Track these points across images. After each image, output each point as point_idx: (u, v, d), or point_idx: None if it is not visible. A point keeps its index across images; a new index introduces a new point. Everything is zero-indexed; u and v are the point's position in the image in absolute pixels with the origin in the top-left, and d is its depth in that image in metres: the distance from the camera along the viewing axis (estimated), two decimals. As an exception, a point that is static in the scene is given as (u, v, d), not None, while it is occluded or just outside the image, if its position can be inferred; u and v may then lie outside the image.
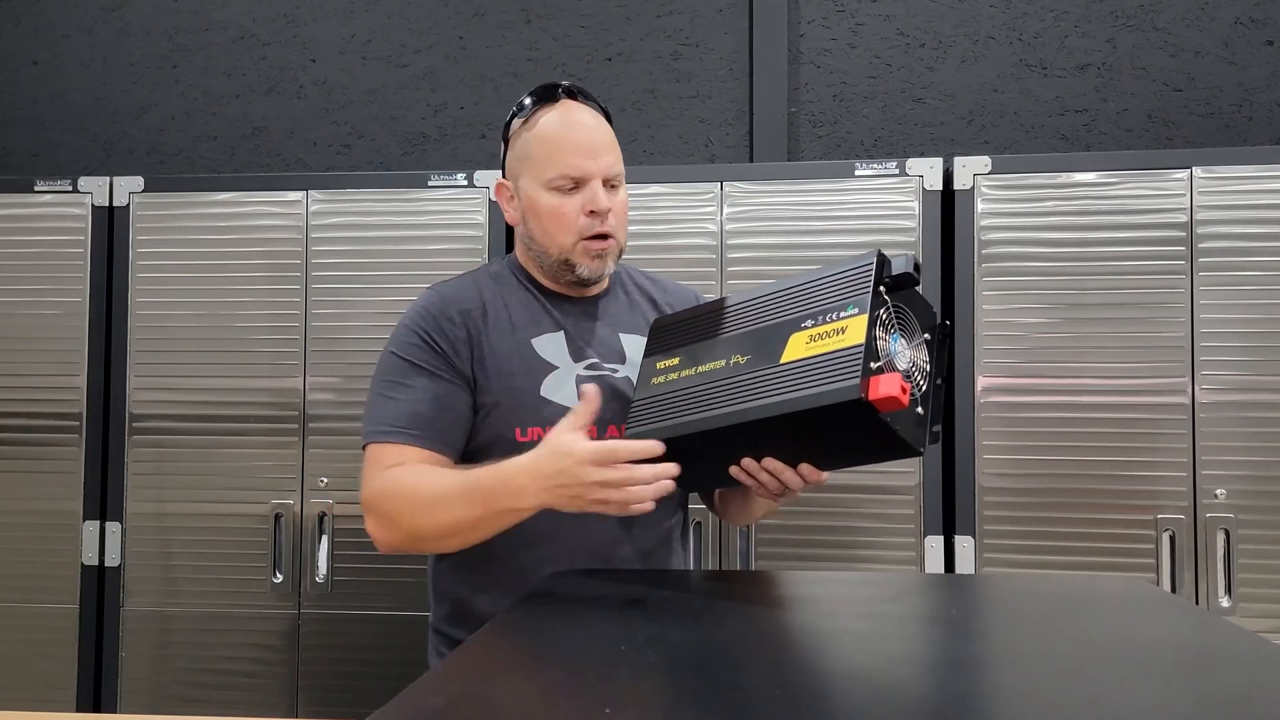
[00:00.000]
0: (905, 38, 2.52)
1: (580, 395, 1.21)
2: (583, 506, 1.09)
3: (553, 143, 1.28)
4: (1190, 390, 1.89)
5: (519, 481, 1.11)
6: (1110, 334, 1.92)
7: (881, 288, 1.02)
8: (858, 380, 0.95)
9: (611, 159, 1.29)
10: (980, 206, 1.97)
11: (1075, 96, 2.46)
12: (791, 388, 1.02)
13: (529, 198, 1.30)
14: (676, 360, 1.20)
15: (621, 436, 1.21)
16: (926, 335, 1.09)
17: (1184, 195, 1.92)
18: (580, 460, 1.06)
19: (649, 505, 1.08)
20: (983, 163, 1.97)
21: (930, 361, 1.08)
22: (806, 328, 1.05)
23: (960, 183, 1.97)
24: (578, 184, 1.27)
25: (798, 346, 1.05)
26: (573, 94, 1.32)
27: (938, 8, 2.51)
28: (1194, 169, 1.92)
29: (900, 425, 1.00)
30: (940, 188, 1.99)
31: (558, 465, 1.08)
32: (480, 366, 1.28)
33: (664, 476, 1.07)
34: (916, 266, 1.04)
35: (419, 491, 1.18)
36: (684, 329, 1.22)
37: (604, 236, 1.28)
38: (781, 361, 1.05)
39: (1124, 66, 2.45)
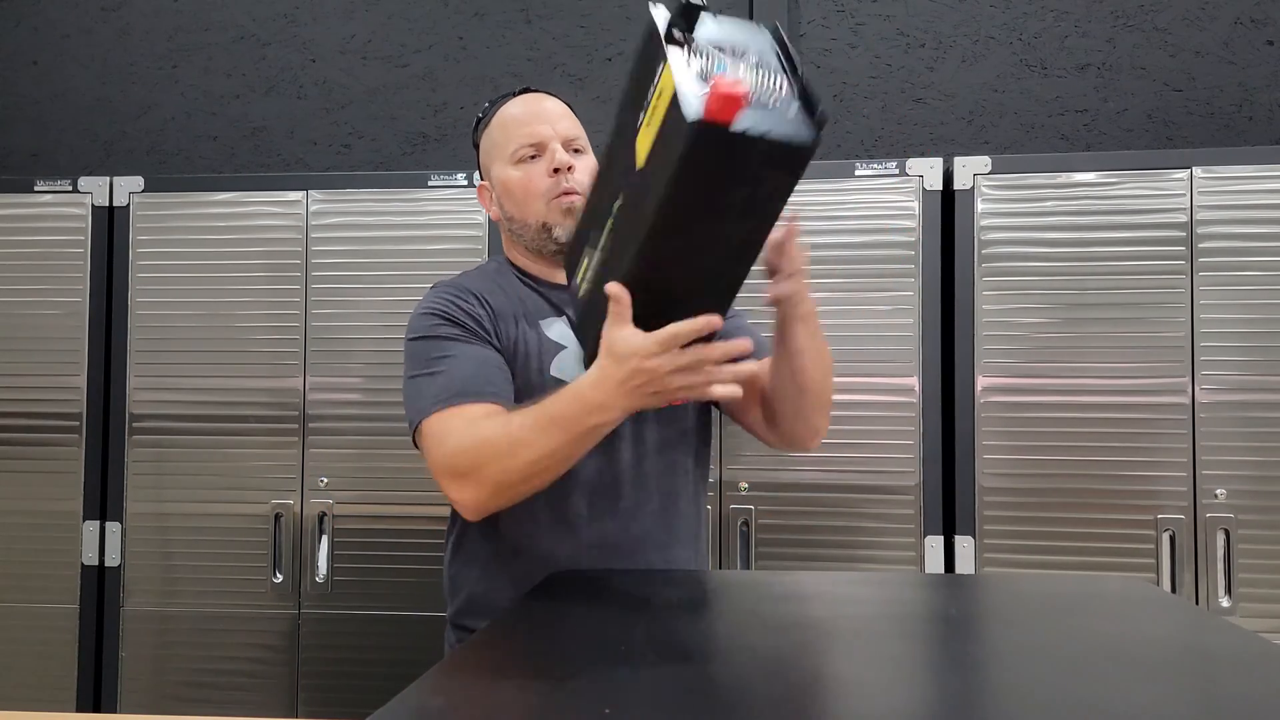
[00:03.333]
0: (905, 38, 2.52)
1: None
2: (669, 399, 1.08)
3: (510, 121, 1.35)
4: (1190, 390, 1.89)
5: (596, 397, 1.08)
6: (1110, 334, 1.92)
7: (675, 31, 0.94)
8: (691, 111, 0.88)
9: (568, 124, 1.35)
10: (980, 206, 1.96)
11: (1075, 96, 2.46)
12: (657, 173, 0.96)
13: (500, 181, 1.36)
14: (586, 260, 1.15)
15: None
16: (762, 49, 0.99)
17: (1184, 195, 1.92)
18: (647, 354, 1.03)
19: (736, 389, 1.05)
20: (983, 163, 1.97)
21: (780, 63, 0.99)
22: (641, 124, 0.99)
23: (960, 183, 1.97)
24: (538, 150, 1.32)
25: (645, 143, 0.99)
26: (530, 91, 1.39)
27: (938, 8, 2.51)
28: (1194, 169, 1.92)
29: (768, 129, 0.91)
30: (940, 188, 1.99)
31: (628, 367, 1.04)
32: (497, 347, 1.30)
33: (734, 353, 1.04)
34: None
35: (494, 438, 1.15)
36: (578, 232, 1.19)
37: (572, 193, 1.31)
38: (640, 166, 0.99)
39: (1124, 66, 2.45)
